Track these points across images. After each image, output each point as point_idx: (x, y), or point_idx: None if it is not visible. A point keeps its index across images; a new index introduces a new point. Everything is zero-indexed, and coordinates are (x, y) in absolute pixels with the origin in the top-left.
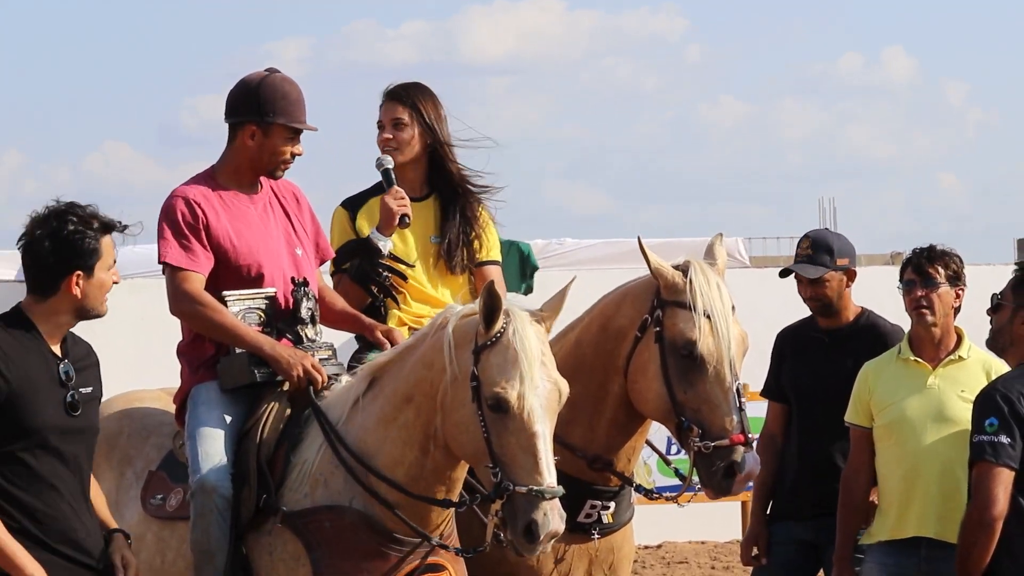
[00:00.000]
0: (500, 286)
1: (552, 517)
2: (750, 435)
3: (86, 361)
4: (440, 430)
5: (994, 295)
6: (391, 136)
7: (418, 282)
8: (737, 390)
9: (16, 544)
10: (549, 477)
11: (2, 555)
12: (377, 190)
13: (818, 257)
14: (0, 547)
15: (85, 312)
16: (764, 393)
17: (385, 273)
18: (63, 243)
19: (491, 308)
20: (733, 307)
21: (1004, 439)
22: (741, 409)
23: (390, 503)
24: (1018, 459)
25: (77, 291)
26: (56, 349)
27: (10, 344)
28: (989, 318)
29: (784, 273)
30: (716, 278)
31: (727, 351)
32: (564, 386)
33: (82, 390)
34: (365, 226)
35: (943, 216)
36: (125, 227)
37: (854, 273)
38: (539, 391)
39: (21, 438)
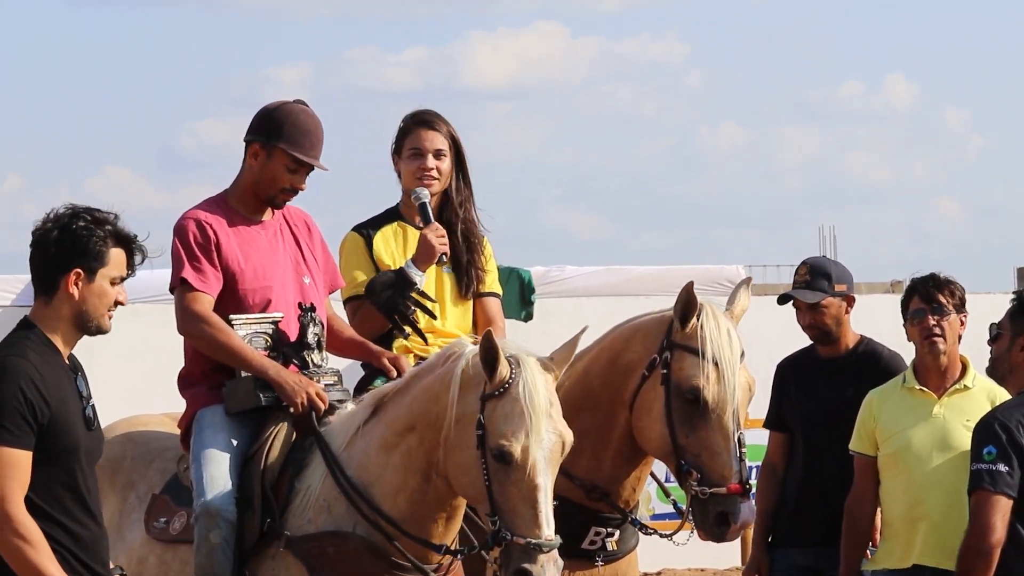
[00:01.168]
0: (499, 325)
1: (548, 568)
2: (748, 485)
3: (82, 371)
4: (442, 461)
5: (992, 324)
6: (434, 167)
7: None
8: (739, 439)
9: (57, 569)
10: (548, 530)
11: None
12: (390, 217)
13: (816, 283)
14: (39, 570)
15: (85, 319)
16: (766, 424)
17: (412, 307)
18: (68, 237)
19: (489, 360)
20: (743, 354)
21: (1002, 467)
22: (741, 459)
23: (388, 535)
24: (1016, 487)
25: (75, 291)
26: (67, 361)
27: (42, 365)
28: (989, 348)
29: (783, 299)
30: (728, 324)
31: (732, 399)
32: (568, 436)
33: (91, 402)
34: (383, 253)
35: (943, 243)
36: (142, 248)
37: (853, 299)
38: (544, 444)
39: (61, 461)
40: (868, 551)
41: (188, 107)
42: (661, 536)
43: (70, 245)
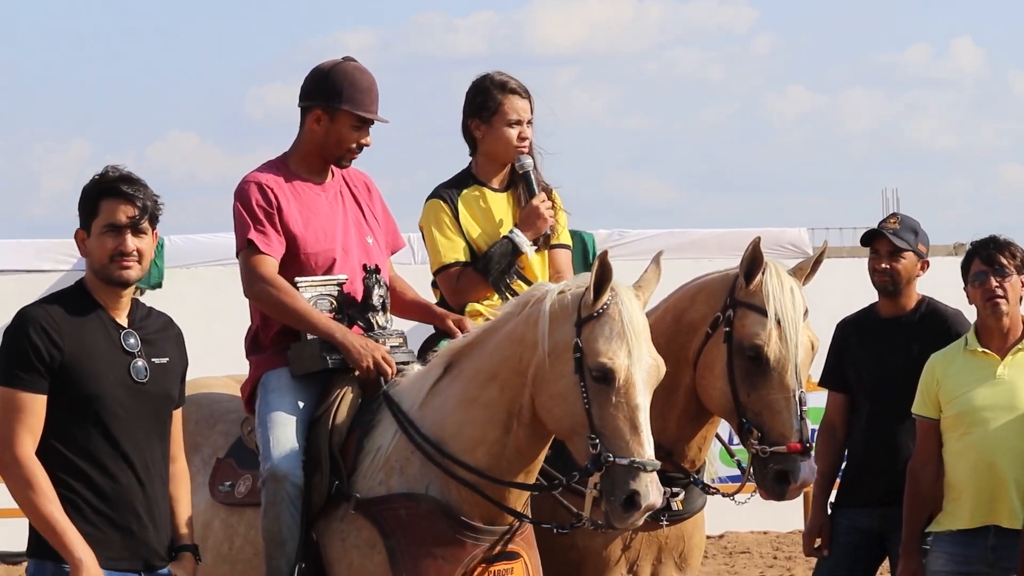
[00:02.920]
0: (569, 277)
1: (652, 490)
2: (809, 444)
3: (162, 333)
4: (526, 407)
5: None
6: (529, 135)
7: None
8: (800, 398)
9: (68, 524)
10: (649, 450)
11: (53, 533)
12: (466, 180)
13: (904, 233)
14: (52, 525)
15: (97, 272)
16: (823, 383)
17: (515, 276)
18: (80, 201)
19: (602, 279)
20: (806, 312)
21: None
22: (802, 418)
23: (471, 484)
24: None
25: (82, 249)
26: (122, 319)
27: (62, 315)
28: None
29: (868, 237)
30: (792, 282)
31: (793, 358)
32: (662, 362)
33: (154, 360)
34: (468, 221)
35: (1006, 208)
36: (129, 193)
37: (927, 264)
38: (643, 364)
39: (82, 407)
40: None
41: (254, 72)
42: (724, 496)
43: (79, 209)
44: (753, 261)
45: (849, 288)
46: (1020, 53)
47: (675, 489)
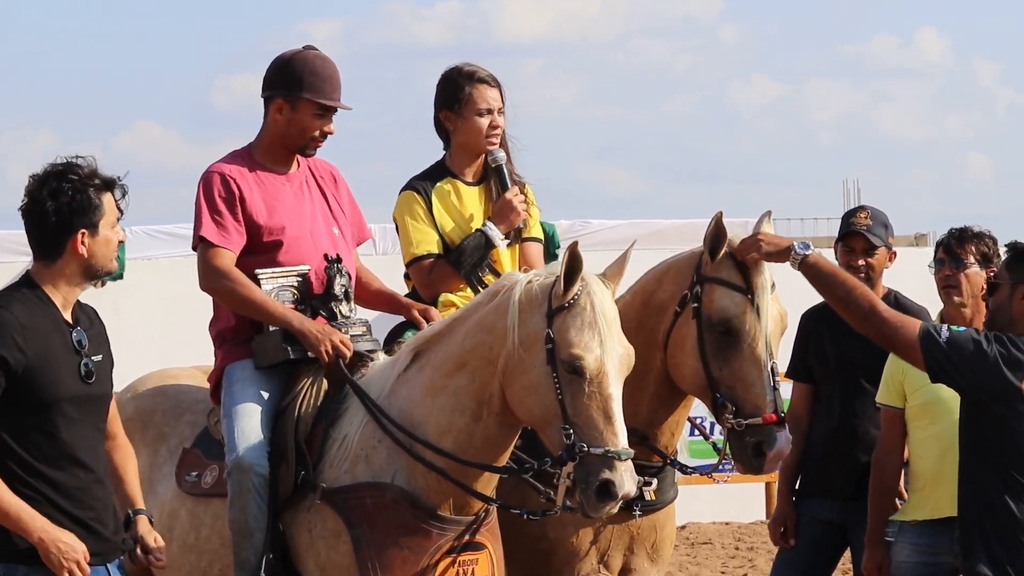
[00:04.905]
0: (541, 263)
1: (626, 478)
2: (783, 414)
3: (95, 329)
4: (496, 396)
5: (988, 276)
6: (499, 125)
7: None
8: (772, 369)
9: (20, 503)
10: (623, 439)
11: (7, 516)
12: (440, 172)
13: (876, 229)
14: (5, 510)
15: (94, 271)
16: (789, 374)
17: (486, 269)
18: (64, 201)
19: (572, 269)
20: (773, 285)
21: None
22: (775, 388)
23: (438, 468)
24: None
25: (83, 250)
26: (68, 316)
27: (26, 315)
28: (984, 301)
29: (845, 235)
30: None
31: (764, 329)
32: (631, 351)
33: (94, 358)
34: (442, 214)
35: (971, 198)
36: (123, 185)
37: (895, 255)
38: (615, 354)
39: (41, 410)
40: (896, 503)
41: (220, 62)
42: (702, 474)
43: (67, 209)
44: (716, 236)
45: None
46: (984, 44)
47: (647, 479)
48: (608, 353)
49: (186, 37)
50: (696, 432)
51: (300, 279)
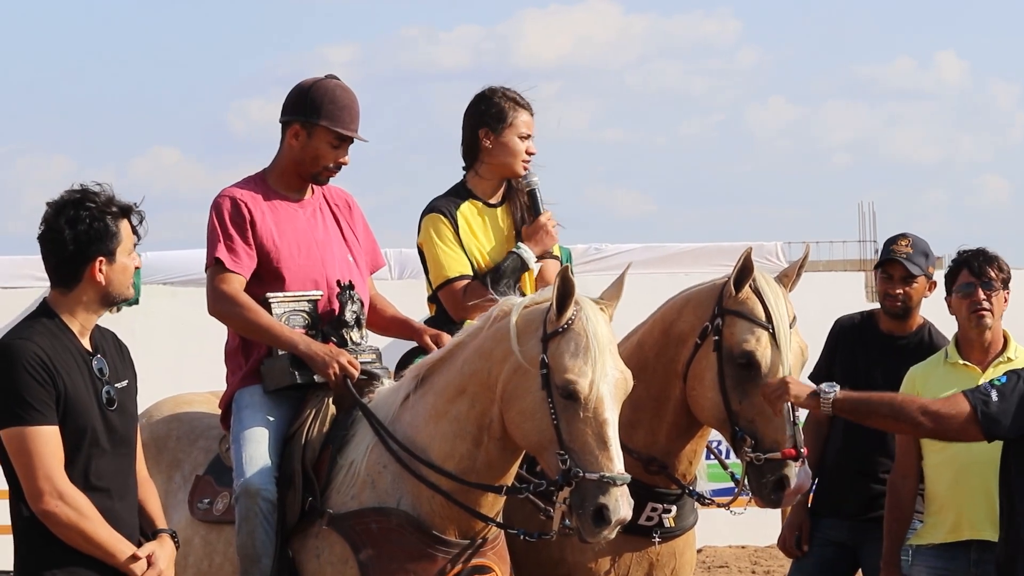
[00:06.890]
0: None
1: (622, 503)
2: (802, 450)
3: (117, 354)
4: (496, 421)
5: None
6: (534, 152)
7: None
8: (791, 404)
9: (119, 538)
10: (619, 464)
11: (112, 556)
12: (461, 194)
13: (916, 258)
14: (109, 548)
15: (111, 298)
16: (813, 377)
17: (516, 289)
18: (83, 229)
19: (564, 294)
20: (794, 319)
21: None
22: (795, 423)
23: (445, 491)
24: None
25: (101, 278)
26: (86, 343)
27: (53, 350)
28: None
29: (885, 263)
30: (780, 289)
31: (784, 364)
32: (629, 375)
33: (117, 385)
34: (468, 235)
35: (987, 220)
36: (140, 212)
37: (935, 284)
38: (609, 379)
39: (73, 442)
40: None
41: (237, 87)
42: (719, 507)
43: (85, 237)
44: (743, 270)
45: (826, 302)
46: (1003, 66)
47: (666, 506)
48: (602, 378)
49: (202, 61)
50: (712, 456)
51: (311, 304)
